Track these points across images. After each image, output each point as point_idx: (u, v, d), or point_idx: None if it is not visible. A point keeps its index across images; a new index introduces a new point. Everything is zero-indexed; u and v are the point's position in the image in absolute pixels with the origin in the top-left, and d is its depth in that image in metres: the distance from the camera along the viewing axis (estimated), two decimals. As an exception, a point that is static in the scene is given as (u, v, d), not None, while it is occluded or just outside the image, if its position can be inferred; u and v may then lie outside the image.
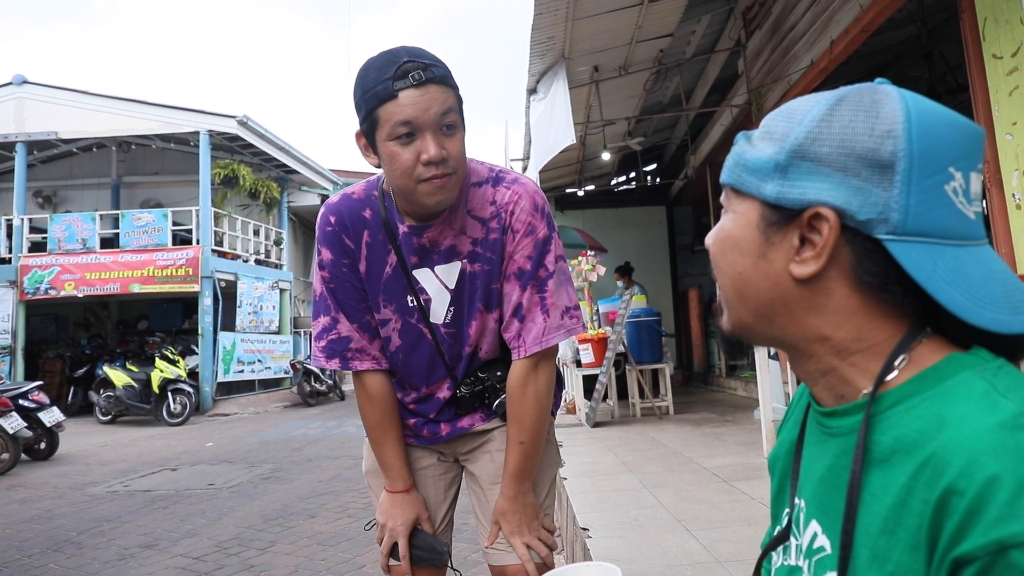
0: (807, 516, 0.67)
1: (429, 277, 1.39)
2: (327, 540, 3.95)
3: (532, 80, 6.83)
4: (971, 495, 0.47)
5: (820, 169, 0.59)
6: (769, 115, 0.67)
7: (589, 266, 7.24)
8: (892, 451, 0.56)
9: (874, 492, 0.57)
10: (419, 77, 1.18)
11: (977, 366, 0.56)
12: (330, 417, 11.15)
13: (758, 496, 3.33)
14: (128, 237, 13.38)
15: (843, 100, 0.60)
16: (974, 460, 0.48)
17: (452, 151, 1.23)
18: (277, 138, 14.97)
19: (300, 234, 18.69)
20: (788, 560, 0.71)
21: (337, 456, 7.06)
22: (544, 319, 1.35)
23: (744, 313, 0.67)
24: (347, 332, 1.42)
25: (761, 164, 0.63)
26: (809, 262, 0.60)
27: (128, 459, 7.48)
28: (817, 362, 0.64)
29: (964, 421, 0.51)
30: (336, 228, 1.39)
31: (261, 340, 14.63)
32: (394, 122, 1.19)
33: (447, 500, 1.58)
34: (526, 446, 1.38)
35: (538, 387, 1.37)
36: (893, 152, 0.57)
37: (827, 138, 0.59)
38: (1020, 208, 3.22)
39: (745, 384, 8.88)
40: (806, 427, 0.73)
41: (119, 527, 4.45)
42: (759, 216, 0.64)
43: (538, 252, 1.35)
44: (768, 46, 6.52)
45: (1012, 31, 3.21)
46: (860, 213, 0.58)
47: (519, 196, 1.35)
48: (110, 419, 11.32)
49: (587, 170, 11.35)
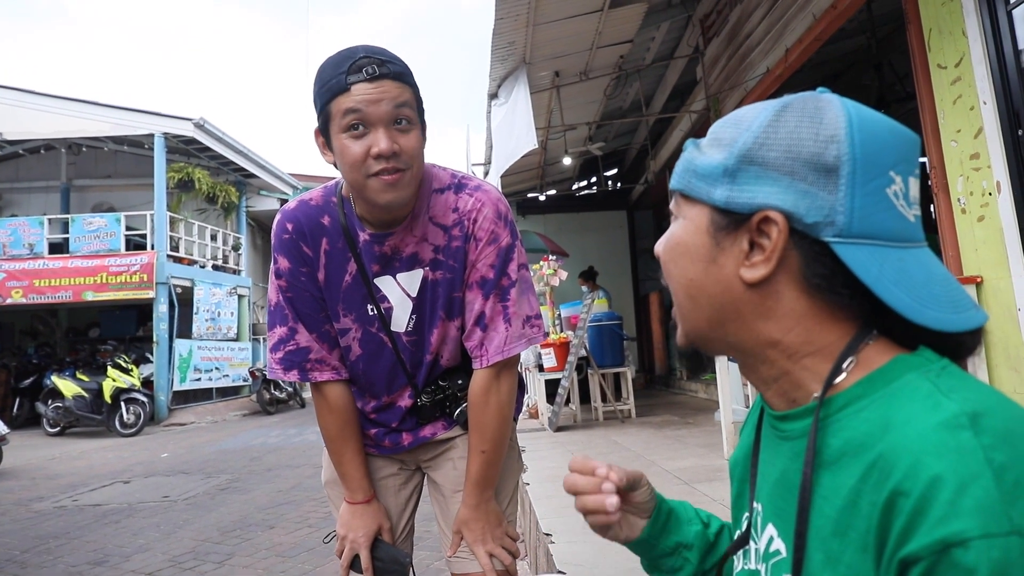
0: (763, 520, 0.68)
1: (391, 285, 1.37)
2: (286, 551, 3.88)
3: (493, 85, 6.84)
4: (915, 496, 0.48)
5: (768, 173, 0.60)
6: (717, 123, 0.68)
7: (551, 270, 7.27)
8: (841, 453, 0.57)
9: (825, 495, 0.57)
10: (372, 71, 1.17)
11: (922, 367, 0.57)
12: (290, 425, 10.97)
13: (719, 498, 3.37)
14: (79, 242, 12.99)
15: (788, 107, 0.62)
16: (918, 461, 0.49)
17: (405, 146, 1.20)
18: (235, 141, 14.72)
19: (259, 239, 18.40)
20: (748, 564, 0.72)
21: (297, 465, 6.94)
22: (506, 328, 1.34)
23: (697, 320, 0.68)
24: (306, 343, 1.39)
25: (710, 170, 0.64)
26: (759, 266, 0.61)
27: (78, 472, 7.25)
28: (769, 367, 0.65)
29: (909, 423, 0.52)
30: (293, 236, 1.35)
31: (219, 347, 14.34)
32: (344, 111, 1.18)
33: (408, 509, 1.57)
34: (488, 454, 1.37)
35: (500, 396, 1.36)
36: (837, 156, 0.58)
37: (774, 143, 0.60)
38: (965, 212, 3.32)
39: (706, 387, 8.99)
40: (761, 431, 0.74)
41: (67, 544, 4.31)
42: (709, 221, 0.64)
43: (501, 261, 1.34)
44: (725, 53, 6.63)
45: (955, 42, 3.31)
46: (807, 216, 0.59)
47: (482, 204, 1.34)
48: (59, 431, 10.96)
49: (548, 175, 11.40)
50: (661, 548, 0.86)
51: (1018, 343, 3.03)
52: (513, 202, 12.59)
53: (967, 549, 0.45)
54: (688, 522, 0.88)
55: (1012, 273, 3.06)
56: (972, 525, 0.45)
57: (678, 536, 0.86)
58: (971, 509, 0.46)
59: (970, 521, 0.45)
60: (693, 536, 0.87)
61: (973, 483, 0.47)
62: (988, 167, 3.16)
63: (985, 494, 0.46)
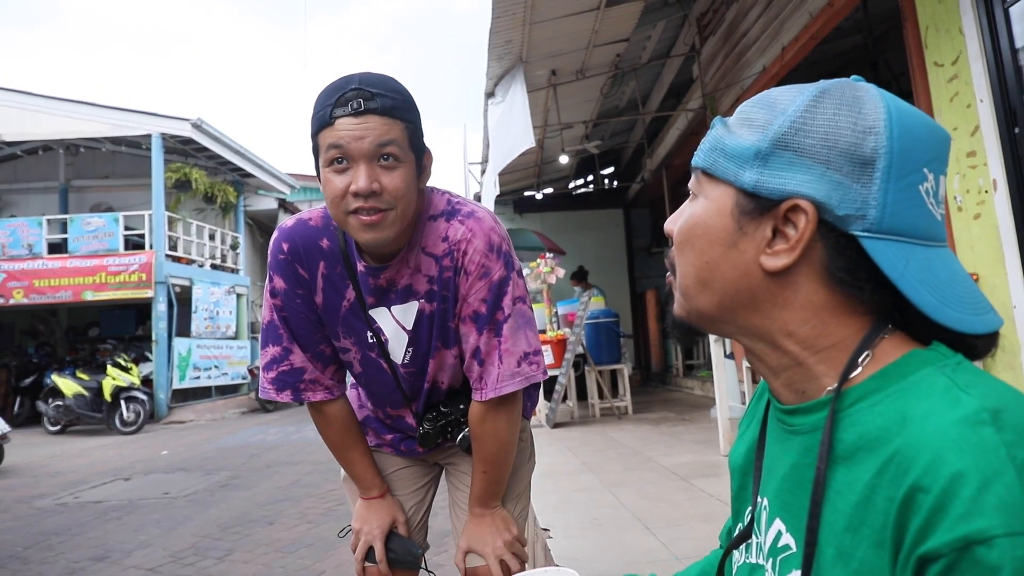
0: (770, 515, 0.66)
1: (386, 318, 1.34)
2: (286, 547, 3.90)
3: (490, 83, 6.86)
4: (936, 492, 0.47)
5: (802, 160, 0.58)
6: (746, 103, 0.66)
7: (548, 268, 7.29)
8: (856, 448, 0.56)
9: (838, 490, 0.56)
10: (357, 106, 1.13)
11: (937, 362, 0.56)
12: (289, 423, 10.99)
13: (716, 493, 3.39)
14: (78, 242, 12.98)
15: (826, 93, 0.60)
16: (938, 457, 0.48)
17: (388, 185, 1.15)
18: (233, 141, 14.71)
19: (257, 238, 18.39)
20: (750, 558, 0.70)
21: (296, 462, 6.96)
22: (499, 366, 1.30)
23: (705, 303, 0.66)
24: (300, 363, 1.37)
25: (741, 151, 0.62)
26: (782, 255, 0.60)
27: (79, 470, 7.27)
28: (780, 357, 0.64)
29: (927, 418, 0.51)
30: (289, 257, 1.32)
31: (217, 346, 14.35)
32: (326, 146, 1.15)
33: (424, 502, 1.58)
34: (490, 474, 1.38)
35: (498, 426, 1.34)
36: (875, 149, 0.57)
37: (811, 130, 0.58)
38: (961, 210, 3.35)
39: (702, 383, 9.02)
40: (767, 425, 0.73)
41: (68, 540, 4.33)
42: (733, 204, 0.62)
43: (493, 296, 1.28)
44: (721, 52, 6.65)
45: (952, 40, 3.33)
46: (839, 208, 0.57)
47: (472, 234, 1.27)
48: (59, 429, 10.97)
49: (545, 173, 11.43)
50: None
51: (1014, 341, 3.06)
52: (510, 200, 12.62)
53: (991, 547, 0.44)
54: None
55: (1008, 271, 3.08)
56: (996, 523, 0.44)
57: None
58: (995, 506, 0.45)
59: (994, 519, 0.45)
60: None
61: (996, 480, 0.46)
62: (984, 165, 3.18)
63: (1008, 491, 0.45)
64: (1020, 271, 3.03)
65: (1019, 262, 3.03)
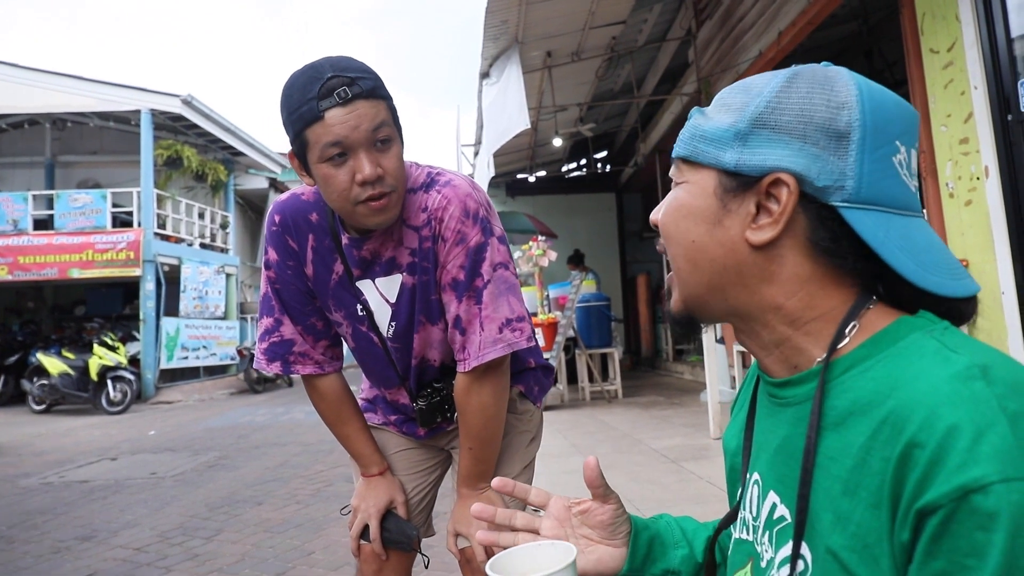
0: (764, 488, 0.68)
1: (371, 290, 1.35)
2: (275, 527, 3.89)
3: (485, 64, 6.80)
4: (932, 446, 0.48)
5: (780, 137, 0.61)
6: (723, 90, 0.68)
7: (540, 251, 7.27)
8: (848, 414, 0.57)
9: (832, 456, 0.57)
10: (345, 95, 1.11)
11: (925, 327, 0.58)
12: (278, 404, 10.97)
13: (706, 476, 3.41)
14: (64, 219, 12.83)
15: (798, 75, 0.62)
16: (933, 412, 0.49)
17: (389, 167, 1.17)
18: (223, 119, 14.56)
19: (247, 218, 18.26)
20: (742, 535, 0.71)
21: (285, 443, 6.95)
22: (480, 333, 1.28)
23: (696, 285, 0.67)
24: (290, 335, 1.39)
25: (720, 133, 0.64)
26: (766, 228, 0.61)
27: (64, 449, 7.23)
28: (771, 332, 0.65)
29: (920, 377, 0.53)
30: (280, 229, 1.35)
31: (206, 326, 14.28)
32: (323, 144, 1.13)
33: (426, 486, 1.57)
34: (476, 451, 1.36)
35: (482, 398, 1.32)
36: (848, 123, 0.59)
37: (787, 108, 0.61)
38: (953, 196, 3.35)
39: (692, 368, 9.06)
40: (757, 402, 0.74)
41: (53, 519, 4.30)
42: (716, 184, 0.64)
43: (471, 262, 1.27)
44: (718, 36, 6.61)
45: (948, 27, 3.32)
46: (818, 180, 0.59)
47: (448, 201, 1.27)
48: (44, 408, 10.90)
49: (538, 156, 11.38)
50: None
51: (1002, 326, 3.08)
52: (502, 183, 12.57)
53: (987, 494, 0.45)
54: (674, 545, 0.84)
55: (997, 257, 3.10)
56: (991, 470, 0.46)
57: (664, 563, 0.83)
58: (989, 455, 0.46)
59: (989, 467, 0.46)
60: (679, 561, 0.83)
61: (990, 430, 0.47)
62: (977, 152, 3.18)
63: (1002, 440, 0.46)
64: (1009, 257, 3.04)
65: (1008, 249, 3.04)
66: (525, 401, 1.52)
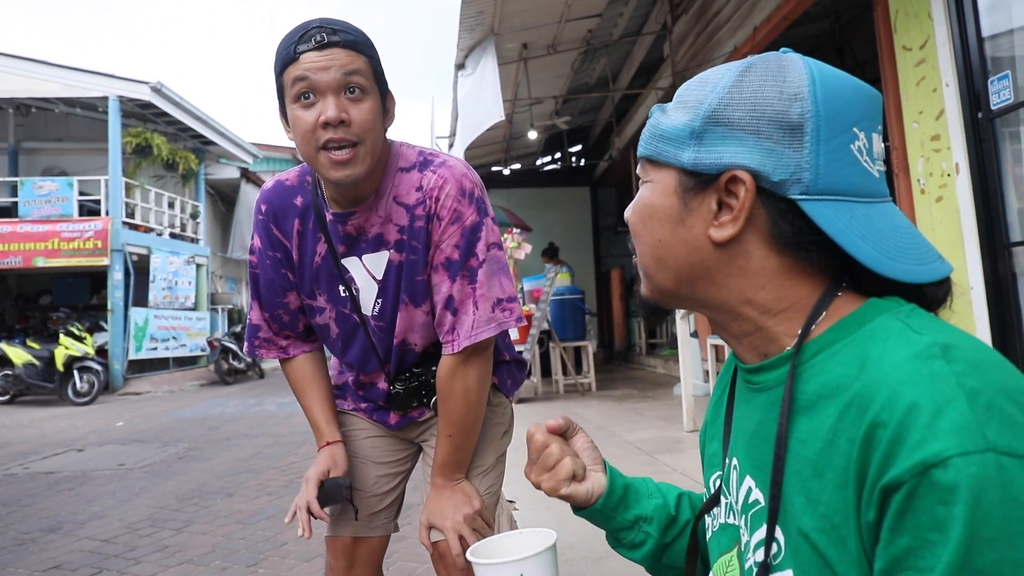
0: (741, 473, 0.68)
1: (357, 267, 1.34)
2: (246, 518, 3.85)
3: (460, 55, 6.76)
4: (894, 425, 0.49)
5: (734, 133, 0.61)
6: (683, 85, 0.68)
7: (515, 244, 7.27)
8: (818, 397, 0.58)
9: (802, 439, 0.58)
10: (321, 39, 1.14)
11: (892, 310, 0.59)
12: (249, 395, 10.85)
13: (680, 468, 3.44)
14: (28, 206, 12.53)
15: (752, 67, 0.62)
16: (894, 392, 0.50)
17: (356, 117, 1.16)
18: (194, 107, 14.30)
19: (218, 208, 17.99)
20: (724, 519, 0.72)
21: (256, 434, 6.88)
22: (474, 312, 1.28)
23: (664, 280, 0.68)
24: (257, 320, 1.44)
25: (677, 132, 0.64)
26: (727, 225, 0.62)
27: (29, 440, 7.08)
28: (741, 323, 0.66)
29: (883, 358, 0.54)
30: (266, 218, 1.37)
31: (176, 316, 14.06)
32: (292, 81, 1.15)
33: (395, 476, 1.55)
34: (455, 439, 1.34)
35: (467, 382, 1.32)
36: (801, 114, 0.59)
37: (739, 103, 0.61)
38: (924, 192, 3.40)
39: (664, 362, 9.14)
40: (735, 388, 0.75)
41: (18, 511, 4.21)
42: (677, 183, 0.65)
43: (466, 240, 1.28)
44: (693, 31, 6.64)
45: (920, 24, 3.37)
46: (774, 174, 0.59)
47: (444, 180, 1.28)
48: (8, 399, 10.66)
49: (513, 149, 11.36)
50: (619, 521, 0.86)
51: (970, 322, 3.13)
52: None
53: (946, 468, 0.46)
54: (648, 496, 0.87)
55: (967, 254, 3.15)
56: (949, 444, 0.46)
57: (637, 509, 0.86)
58: (947, 430, 0.47)
59: (947, 441, 0.46)
60: (653, 509, 0.86)
61: (948, 407, 0.48)
62: (948, 148, 3.23)
63: (960, 416, 0.47)
64: (978, 254, 3.10)
65: (978, 245, 3.10)
66: (498, 394, 1.52)
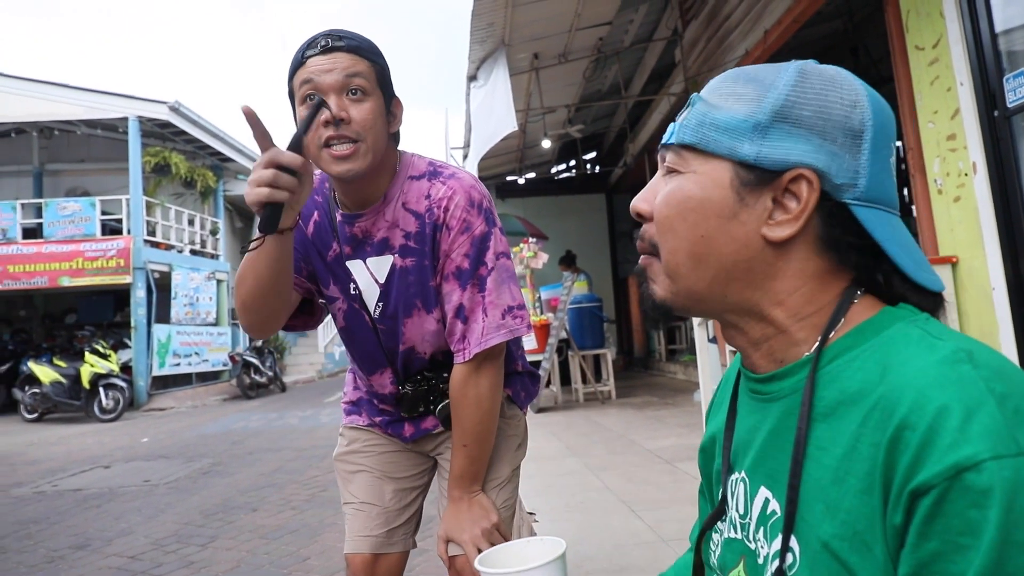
0: (753, 486, 0.66)
1: (361, 269, 1.37)
2: (270, 533, 3.88)
3: (472, 67, 6.80)
4: (923, 427, 0.49)
5: (800, 132, 0.60)
6: (722, 79, 0.66)
7: (531, 253, 7.28)
8: (837, 403, 0.57)
9: (822, 446, 0.57)
10: (326, 44, 1.21)
11: (907, 317, 0.59)
12: (271, 409, 10.93)
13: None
14: (53, 227, 12.75)
15: (806, 69, 0.62)
16: (922, 395, 0.50)
17: (356, 116, 1.21)
18: (211, 125, 14.49)
19: (236, 223, 18.17)
20: (731, 534, 0.70)
21: (279, 448, 6.93)
22: (484, 319, 1.31)
23: (696, 280, 0.65)
24: None
25: (737, 123, 0.62)
26: (785, 225, 0.61)
27: (56, 458, 7.19)
28: (764, 328, 0.65)
29: (908, 363, 0.53)
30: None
31: (198, 332, 14.21)
32: (299, 82, 1.22)
33: (413, 491, 1.56)
34: (470, 449, 1.35)
35: (479, 390, 1.33)
36: (862, 121, 0.60)
37: (806, 102, 0.60)
38: (941, 193, 3.37)
39: (684, 368, 9.08)
40: (737, 402, 0.73)
41: (47, 528, 4.28)
42: (732, 176, 0.62)
43: (476, 250, 1.31)
44: (704, 36, 6.64)
45: (933, 23, 3.34)
46: (836, 177, 0.60)
47: (453, 191, 1.31)
48: (36, 417, 10.83)
49: (527, 158, 11.39)
50: None
51: (992, 321, 3.09)
52: (492, 185, 12.57)
53: (980, 471, 0.46)
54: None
55: (987, 253, 3.11)
56: (982, 448, 0.46)
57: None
58: (980, 434, 0.47)
59: (980, 444, 0.46)
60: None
61: (979, 410, 0.48)
62: (964, 148, 3.20)
63: (991, 420, 0.47)
64: (999, 253, 3.06)
65: (998, 244, 3.06)
66: (512, 406, 1.53)
